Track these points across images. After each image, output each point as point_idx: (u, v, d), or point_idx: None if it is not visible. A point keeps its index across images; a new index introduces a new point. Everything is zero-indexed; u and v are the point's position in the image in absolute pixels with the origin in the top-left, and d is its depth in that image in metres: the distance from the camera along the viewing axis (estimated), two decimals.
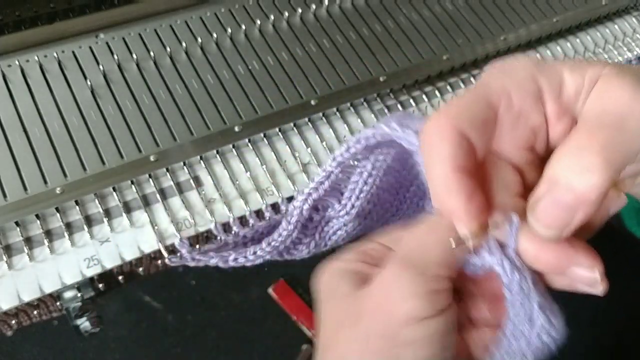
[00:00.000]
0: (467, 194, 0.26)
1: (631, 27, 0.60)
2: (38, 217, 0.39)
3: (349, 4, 0.54)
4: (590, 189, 0.24)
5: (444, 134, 0.26)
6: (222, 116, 0.45)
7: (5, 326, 0.42)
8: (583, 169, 0.24)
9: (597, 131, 0.24)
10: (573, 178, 0.24)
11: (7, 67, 0.45)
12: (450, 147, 0.26)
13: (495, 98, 0.27)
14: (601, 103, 0.26)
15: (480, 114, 0.27)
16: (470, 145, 0.27)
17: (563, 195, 0.25)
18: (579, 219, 0.25)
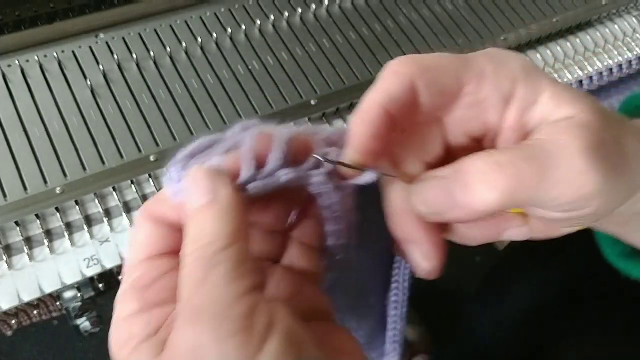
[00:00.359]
0: (375, 132, 0.26)
1: (631, 27, 0.60)
2: (38, 217, 0.39)
3: (349, 4, 0.54)
4: (481, 202, 0.24)
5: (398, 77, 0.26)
6: (222, 116, 0.45)
7: (5, 326, 0.42)
8: (487, 182, 0.24)
9: (525, 163, 0.24)
10: (475, 183, 0.24)
11: (7, 67, 0.45)
12: (392, 89, 0.26)
13: (466, 76, 0.27)
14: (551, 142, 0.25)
15: (442, 78, 0.27)
16: (412, 101, 0.27)
17: (457, 189, 0.25)
18: (453, 216, 0.26)
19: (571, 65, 0.56)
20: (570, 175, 0.24)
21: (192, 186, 0.24)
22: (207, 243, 0.22)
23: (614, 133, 0.26)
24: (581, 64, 0.56)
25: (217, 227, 0.22)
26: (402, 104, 0.27)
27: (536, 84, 0.27)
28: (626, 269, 0.37)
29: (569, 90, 0.27)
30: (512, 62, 0.27)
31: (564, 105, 0.26)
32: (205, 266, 0.22)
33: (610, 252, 0.38)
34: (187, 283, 0.22)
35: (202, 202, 0.23)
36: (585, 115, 0.25)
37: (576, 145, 0.24)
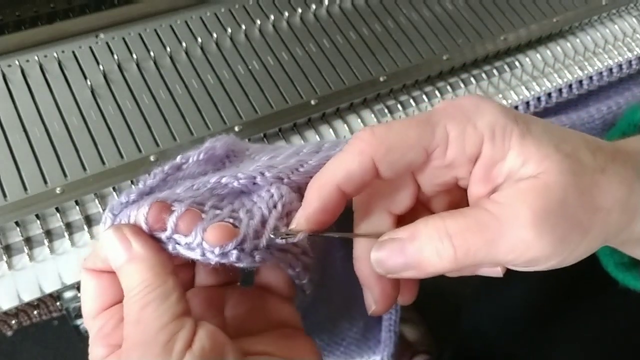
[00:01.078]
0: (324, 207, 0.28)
1: (631, 27, 0.60)
2: (38, 217, 0.39)
3: (349, 4, 0.54)
4: (431, 267, 0.27)
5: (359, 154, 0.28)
6: (222, 116, 0.45)
7: (5, 326, 0.42)
8: (436, 251, 0.26)
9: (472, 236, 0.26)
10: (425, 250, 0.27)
11: (7, 67, 0.45)
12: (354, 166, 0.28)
13: (432, 145, 0.28)
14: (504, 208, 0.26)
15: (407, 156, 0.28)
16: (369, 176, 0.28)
17: (410, 253, 0.27)
18: (407, 275, 0.28)
19: (571, 65, 0.56)
20: (518, 244, 0.26)
21: (109, 246, 0.27)
22: (136, 292, 0.26)
23: (585, 188, 0.26)
24: (581, 64, 0.56)
25: (139, 277, 0.27)
26: (361, 181, 0.28)
27: (504, 141, 0.27)
28: (624, 279, 0.37)
29: (539, 143, 0.27)
30: (479, 122, 0.28)
31: (530, 162, 0.27)
32: (138, 308, 0.26)
33: (607, 262, 0.38)
34: (127, 324, 0.26)
35: (121, 260, 0.27)
36: (547, 176, 0.26)
37: (526, 214, 0.25)
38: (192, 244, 0.27)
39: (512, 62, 0.55)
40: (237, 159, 0.35)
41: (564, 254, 0.26)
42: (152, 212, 0.28)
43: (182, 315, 0.26)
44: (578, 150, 0.27)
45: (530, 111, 0.53)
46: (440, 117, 0.28)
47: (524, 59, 0.55)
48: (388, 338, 0.49)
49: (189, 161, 0.32)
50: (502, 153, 0.27)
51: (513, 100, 0.52)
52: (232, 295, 0.32)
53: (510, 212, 0.26)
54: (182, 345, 0.25)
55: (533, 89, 0.53)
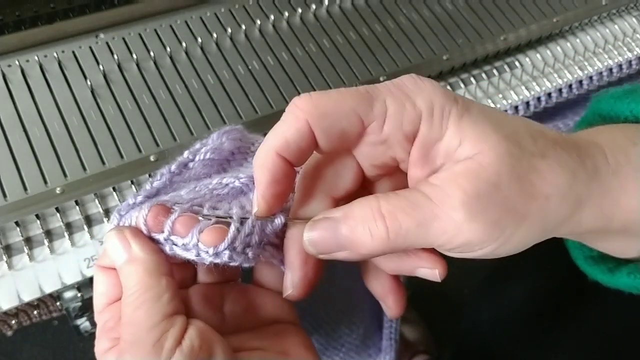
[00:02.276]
0: (273, 177, 0.28)
1: (631, 27, 0.60)
2: (38, 217, 0.39)
3: (349, 4, 0.54)
4: (362, 247, 0.27)
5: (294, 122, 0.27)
6: (222, 116, 0.45)
7: (5, 326, 0.42)
8: (369, 230, 0.26)
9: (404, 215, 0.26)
10: (357, 229, 0.27)
11: (7, 67, 0.45)
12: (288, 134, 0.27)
13: (369, 117, 0.27)
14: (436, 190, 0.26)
15: (341, 122, 0.27)
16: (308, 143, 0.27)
17: (342, 232, 0.27)
18: (340, 256, 0.28)
19: (571, 65, 0.56)
20: (449, 226, 0.25)
21: (111, 247, 0.29)
22: (132, 292, 0.27)
23: (522, 172, 0.26)
24: (581, 64, 0.56)
25: (135, 278, 0.28)
26: (298, 147, 0.27)
27: (441, 120, 0.27)
28: (592, 273, 0.36)
29: (476, 124, 0.27)
30: (418, 100, 0.27)
31: (467, 143, 0.26)
32: (132, 309, 0.27)
33: (577, 255, 0.37)
34: (123, 323, 0.28)
35: (121, 260, 0.28)
36: (482, 158, 0.26)
37: (457, 196, 0.25)
38: (188, 244, 0.28)
39: (512, 62, 0.55)
40: (242, 155, 0.35)
41: (498, 239, 0.26)
42: (152, 215, 0.29)
43: (173, 314, 0.27)
44: (517, 134, 0.27)
45: (530, 111, 0.53)
46: (380, 92, 0.28)
47: (524, 59, 0.55)
48: (389, 346, 0.49)
49: (196, 159, 0.33)
50: (439, 132, 0.27)
51: (513, 100, 0.52)
52: (231, 292, 0.33)
53: (442, 194, 0.26)
54: (172, 343, 0.26)
55: (533, 89, 0.53)
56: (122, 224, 0.30)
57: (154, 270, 0.28)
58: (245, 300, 0.33)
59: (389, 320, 0.54)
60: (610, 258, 0.34)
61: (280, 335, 0.31)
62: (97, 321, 0.30)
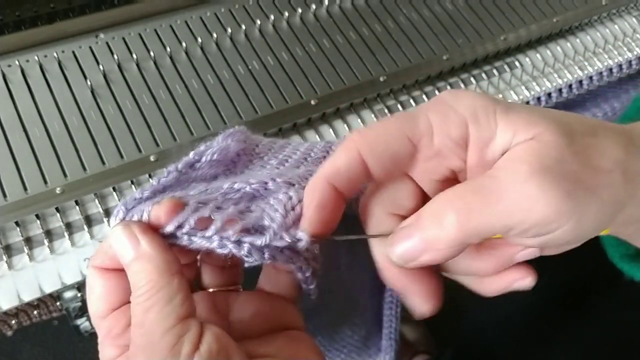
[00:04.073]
0: (321, 203, 0.28)
1: (631, 27, 0.60)
2: (38, 217, 0.39)
3: (349, 4, 0.54)
4: (439, 239, 0.26)
5: (346, 152, 0.28)
6: (222, 116, 0.45)
7: (5, 326, 0.42)
8: (440, 220, 0.26)
9: (471, 196, 0.25)
10: (429, 224, 0.26)
11: (7, 67, 0.45)
12: (340, 164, 0.28)
13: (416, 134, 0.28)
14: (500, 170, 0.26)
15: (393, 149, 0.28)
16: (360, 172, 0.28)
17: (417, 234, 0.27)
18: (426, 259, 0.27)
19: (571, 65, 0.56)
20: (521, 200, 0.25)
21: (118, 243, 0.27)
22: (141, 292, 0.26)
23: (580, 148, 0.26)
24: (581, 64, 0.56)
25: (145, 277, 0.26)
26: (348, 175, 0.28)
27: (487, 119, 0.27)
28: (630, 271, 0.37)
29: (524, 114, 0.27)
30: (460, 107, 0.27)
31: (520, 132, 0.26)
32: (142, 310, 0.26)
33: (613, 253, 0.38)
34: (133, 325, 0.26)
35: (129, 258, 0.27)
36: (541, 137, 0.26)
37: (524, 170, 0.25)
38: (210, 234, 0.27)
39: (512, 62, 0.55)
40: (246, 157, 0.35)
41: (574, 215, 0.25)
42: (166, 209, 0.28)
43: (188, 317, 0.26)
44: (565, 117, 0.27)
45: None
46: (421, 110, 0.28)
47: (524, 59, 0.55)
48: (389, 346, 0.49)
49: (202, 160, 0.32)
50: (489, 131, 0.27)
51: (513, 100, 0.52)
52: (237, 299, 0.32)
53: (508, 172, 0.25)
54: (189, 348, 0.25)
55: (533, 89, 0.53)
56: (128, 219, 0.28)
57: (165, 268, 0.26)
58: (252, 307, 0.32)
59: (388, 320, 0.53)
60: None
61: (289, 341, 0.31)
62: (98, 327, 0.28)
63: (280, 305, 0.32)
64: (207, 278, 0.33)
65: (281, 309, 0.32)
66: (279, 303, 0.32)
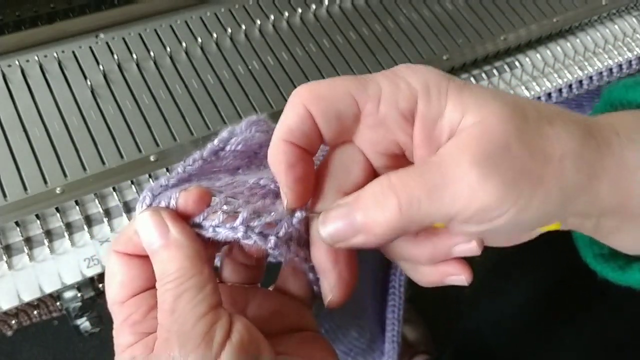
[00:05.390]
0: (288, 163, 0.28)
1: (631, 27, 0.60)
2: (38, 217, 0.39)
3: (349, 4, 0.54)
4: (377, 224, 0.26)
5: (294, 109, 0.28)
6: (222, 116, 0.45)
7: (6, 326, 0.42)
8: (381, 204, 0.26)
9: (414, 183, 0.25)
10: (369, 206, 0.26)
11: (7, 67, 0.45)
12: (292, 121, 0.28)
13: (362, 97, 0.27)
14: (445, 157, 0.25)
15: (338, 107, 0.27)
16: (312, 128, 0.28)
17: (356, 215, 0.26)
18: (357, 241, 0.27)
19: (571, 66, 0.56)
20: (463, 189, 0.25)
21: (145, 229, 0.27)
22: (171, 279, 0.26)
23: (530, 135, 0.25)
24: (581, 64, 0.56)
25: (175, 265, 0.26)
26: (302, 132, 0.28)
27: (439, 96, 0.27)
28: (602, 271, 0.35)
29: (476, 94, 0.26)
30: (412, 79, 0.27)
31: (469, 113, 0.26)
32: (172, 297, 0.25)
33: (586, 253, 0.36)
34: (161, 311, 0.26)
35: (157, 245, 0.26)
36: (488, 121, 0.25)
37: (467, 157, 0.25)
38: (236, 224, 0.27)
39: (512, 62, 0.55)
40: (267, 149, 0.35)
41: (517, 203, 0.25)
42: (195, 196, 0.27)
43: (218, 307, 0.26)
44: (520, 103, 0.27)
45: None
46: (373, 76, 0.28)
47: (524, 59, 0.55)
48: (391, 349, 0.49)
49: (227, 149, 0.32)
50: (438, 108, 0.27)
51: None
52: (255, 296, 0.32)
53: (451, 160, 0.25)
54: (222, 336, 0.25)
55: (533, 89, 0.53)
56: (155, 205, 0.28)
57: (195, 257, 0.26)
58: (269, 305, 0.32)
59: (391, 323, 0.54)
60: (621, 255, 0.34)
61: (305, 342, 0.31)
62: (116, 313, 0.28)
63: (296, 306, 0.32)
64: (228, 273, 0.33)
65: (297, 310, 0.32)
66: (295, 304, 0.32)
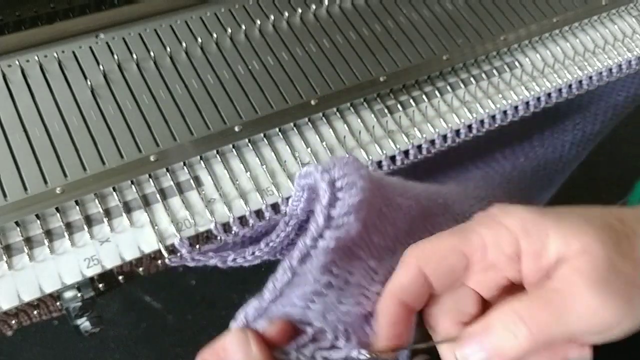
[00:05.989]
0: (392, 321, 0.31)
1: (631, 27, 0.60)
2: (38, 217, 0.39)
3: (349, 4, 0.54)
4: (511, 350, 0.28)
5: (407, 269, 0.31)
6: (222, 116, 0.45)
7: (6, 326, 0.42)
8: (512, 331, 0.28)
9: (540, 310, 0.28)
10: (501, 333, 0.28)
11: (7, 67, 0.45)
12: (404, 281, 0.31)
13: (470, 250, 0.30)
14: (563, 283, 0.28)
15: (449, 263, 0.31)
16: (424, 286, 0.31)
17: (489, 343, 0.28)
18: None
19: (571, 66, 0.56)
20: (586, 312, 0.27)
21: (231, 345, 0.30)
22: None
23: (625, 251, 0.28)
24: (581, 64, 0.56)
25: None
26: (415, 291, 0.31)
27: (538, 233, 0.29)
28: None
29: (573, 224, 0.29)
30: (509, 222, 0.30)
31: (572, 241, 0.28)
32: None
33: None
34: None
35: None
36: (591, 248, 0.28)
37: (583, 283, 0.27)
38: None
39: (511, 62, 0.55)
40: None
41: (634, 313, 0.28)
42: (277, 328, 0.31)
43: None
44: (606, 221, 0.30)
45: (529, 111, 0.53)
46: (472, 225, 0.31)
47: (523, 59, 0.55)
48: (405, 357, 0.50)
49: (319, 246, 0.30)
50: (540, 243, 0.29)
51: (513, 100, 0.52)
52: None
53: (568, 286, 0.28)
54: None
55: (533, 89, 0.53)
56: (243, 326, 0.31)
57: None
58: None
59: None
60: None
61: None
62: None
63: None
64: None
65: None
66: None
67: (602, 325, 0.27)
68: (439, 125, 0.49)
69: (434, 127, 0.49)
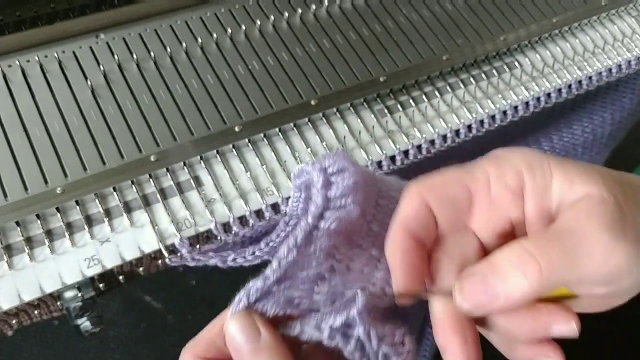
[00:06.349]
0: (404, 253, 0.29)
1: (631, 27, 0.60)
2: (38, 217, 0.39)
3: (349, 4, 0.54)
4: (518, 290, 0.26)
5: (411, 199, 0.30)
6: (222, 116, 0.45)
7: (6, 326, 0.42)
8: (522, 270, 0.26)
9: (551, 247, 0.26)
10: (509, 273, 0.26)
11: (8, 67, 0.45)
12: (409, 211, 0.30)
13: (473, 184, 0.30)
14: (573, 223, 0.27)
15: (452, 194, 0.30)
16: (429, 217, 0.30)
17: (495, 281, 0.27)
18: (496, 307, 0.27)
19: (570, 66, 0.56)
20: (598, 252, 0.26)
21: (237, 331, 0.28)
22: None
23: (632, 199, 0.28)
24: (580, 65, 0.56)
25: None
26: (420, 221, 0.30)
27: (542, 171, 0.29)
28: None
29: (578, 167, 0.28)
30: (513, 159, 0.29)
31: (577, 185, 0.28)
32: None
33: None
34: None
35: (250, 347, 0.27)
36: (599, 192, 0.27)
37: (598, 223, 0.26)
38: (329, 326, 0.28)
39: (511, 62, 0.55)
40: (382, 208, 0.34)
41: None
42: None
43: None
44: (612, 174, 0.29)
45: (529, 111, 0.53)
46: (476, 163, 0.30)
47: (523, 60, 0.55)
48: None
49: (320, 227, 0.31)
50: (544, 181, 0.28)
51: (512, 100, 0.52)
52: None
53: (581, 226, 0.26)
54: None
55: (532, 90, 0.53)
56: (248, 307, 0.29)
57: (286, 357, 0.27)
58: None
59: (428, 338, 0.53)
60: None
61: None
62: None
63: None
64: None
65: None
66: None
67: (612, 271, 0.26)
68: (438, 125, 0.49)
69: (433, 127, 0.49)
